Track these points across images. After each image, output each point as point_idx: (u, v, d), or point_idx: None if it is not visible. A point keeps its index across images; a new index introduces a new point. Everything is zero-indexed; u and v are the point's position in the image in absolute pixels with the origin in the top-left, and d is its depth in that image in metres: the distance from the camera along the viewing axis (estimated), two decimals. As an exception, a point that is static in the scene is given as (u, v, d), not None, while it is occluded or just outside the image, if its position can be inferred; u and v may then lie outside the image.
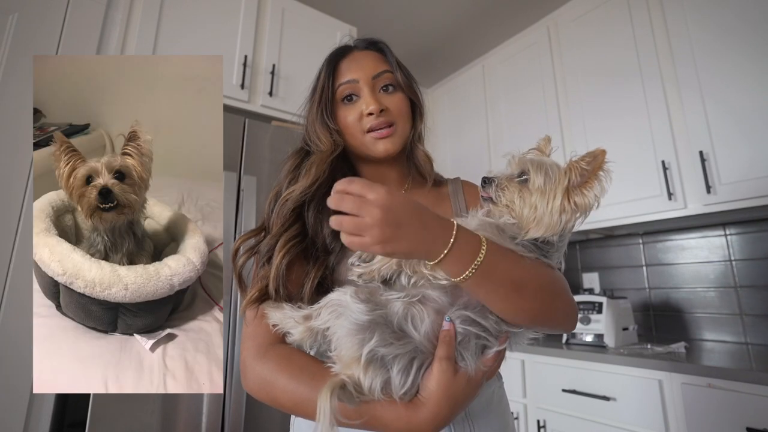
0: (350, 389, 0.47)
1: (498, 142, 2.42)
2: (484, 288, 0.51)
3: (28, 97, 1.31)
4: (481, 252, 0.50)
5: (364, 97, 0.69)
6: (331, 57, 0.75)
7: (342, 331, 0.51)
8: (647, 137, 1.75)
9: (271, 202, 0.70)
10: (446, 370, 0.49)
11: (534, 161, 0.58)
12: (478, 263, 0.49)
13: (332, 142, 0.69)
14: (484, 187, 0.60)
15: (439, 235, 0.48)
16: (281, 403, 0.55)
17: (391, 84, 0.72)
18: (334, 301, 0.53)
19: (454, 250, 0.48)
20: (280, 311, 0.58)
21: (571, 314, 0.60)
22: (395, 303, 0.51)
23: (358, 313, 0.49)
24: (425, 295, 0.53)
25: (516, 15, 2.32)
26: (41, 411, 1.18)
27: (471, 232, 0.52)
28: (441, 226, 0.49)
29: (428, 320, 0.51)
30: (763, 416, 1.15)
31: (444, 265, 0.49)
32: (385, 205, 0.45)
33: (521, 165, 0.59)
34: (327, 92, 0.72)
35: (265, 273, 0.62)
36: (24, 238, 1.23)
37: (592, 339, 1.73)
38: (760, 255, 1.71)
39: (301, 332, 0.55)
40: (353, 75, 0.71)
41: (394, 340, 0.49)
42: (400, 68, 0.74)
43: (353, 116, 0.70)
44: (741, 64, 1.51)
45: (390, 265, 0.55)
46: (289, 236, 0.63)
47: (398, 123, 0.71)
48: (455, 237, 0.49)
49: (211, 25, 1.71)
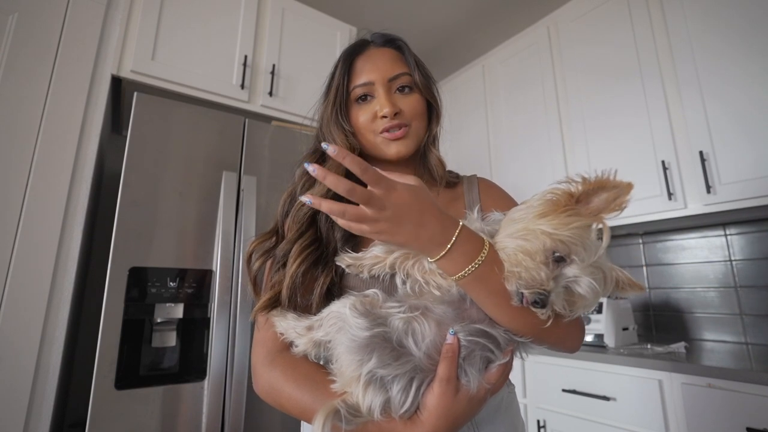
0: (345, 414, 0.47)
1: (498, 142, 2.42)
2: (477, 292, 0.50)
3: (27, 96, 1.31)
4: (480, 255, 0.49)
5: (379, 99, 0.68)
6: (347, 54, 0.72)
7: (341, 348, 0.50)
8: (647, 137, 1.75)
9: (286, 204, 0.69)
10: (446, 392, 0.49)
11: (566, 242, 0.47)
12: (475, 266, 0.49)
13: (348, 145, 0.68)
14: (537, 306, 0.47)
15: (438, 234, 0.49)
16: (287, 409, 0.56)
17: (407, 85, 0.70)
18: (334, 313, 0.53)
19: (452, 251, 0.49)
20: (285, 321, 0.58)
21: (573, 334, 0.58)
22: (395, 319, 0.50)
23: (357, 329, 0.49)
24: (428, 307, 0.52)
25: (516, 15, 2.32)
26: (41, 411, 1.18)
27: (476, 235, 0.51)
28: (442, 226, 0.49)
29: (430, 334, 0.50)
30: (763, 416, 1.15)
31: (441, 263, 0.50)
32: (388, 202, 0.47)
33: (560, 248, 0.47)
34: (342, 92, 0.70)
35: (278, 278, 0.61)
36: (24, 238, 1.23)
37: (592, 339, 1.73)
38: (760, 255, 1.71)
39: (305, 343, 0.55)
40: (369, 77, 0.69)
41: (392, 360, 0.48)
42: (418, 68, 0.71)
43: (367, 116, 0.69)
44: (741, 64, 1.51)
45: (382, 265, 0.55)
46: (304, 243, 0.62)
47: (412, 125, 0.69)
48: (456, 237, 0.49)
49: (211, 25, 1.71)
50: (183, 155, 1.36)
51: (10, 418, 1.13)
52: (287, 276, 0.59)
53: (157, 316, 1.26)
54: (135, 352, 1.27)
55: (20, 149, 1.28)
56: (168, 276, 1.27)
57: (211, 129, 1.43)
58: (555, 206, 0.49)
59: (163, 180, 1.31)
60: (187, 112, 1.40)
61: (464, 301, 0.53)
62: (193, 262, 1.31)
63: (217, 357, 1.27)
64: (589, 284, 0.47)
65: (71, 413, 1.59)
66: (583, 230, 0.47)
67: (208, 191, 1.38)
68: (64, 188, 1.32)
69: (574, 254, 0.47)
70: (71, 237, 1.32)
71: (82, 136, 1.39)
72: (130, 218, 1.24)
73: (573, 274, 0.47)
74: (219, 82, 1.68)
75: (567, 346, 0.59)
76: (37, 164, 1.29)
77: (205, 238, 1.34)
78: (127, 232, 1.23)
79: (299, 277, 0.59)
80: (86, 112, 1.41)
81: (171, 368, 1.32)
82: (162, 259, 1.26)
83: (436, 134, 0.76)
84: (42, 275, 1.24)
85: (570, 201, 0.49)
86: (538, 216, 0.49)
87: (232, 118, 1.48)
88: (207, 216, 1.36)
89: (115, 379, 1.13)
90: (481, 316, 0.52)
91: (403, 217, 0.48)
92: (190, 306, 1.30)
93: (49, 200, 1.29)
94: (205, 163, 1.39)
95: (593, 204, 0.49)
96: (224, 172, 1.40)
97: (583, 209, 0.49)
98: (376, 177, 0.47)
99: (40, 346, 1.20)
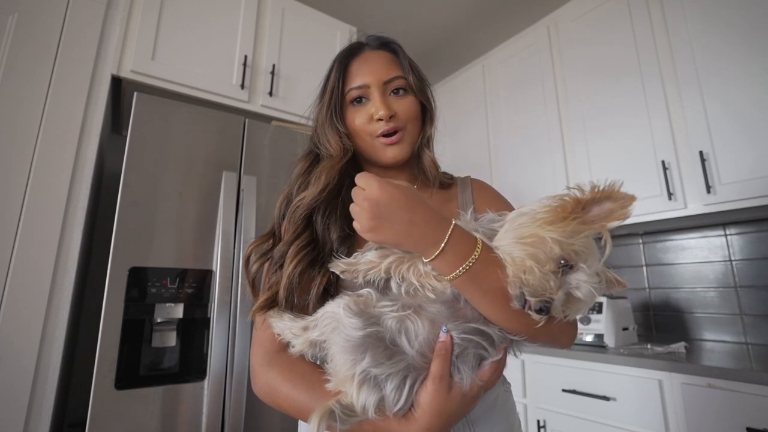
0: (339, 414, 0.47)
1: (498, 142, 2.41)
2: (471, 291, 0.51)
3: (27, 96, 1.31)
4: (474, 254, 0.50)
5: (374, 101, 0.69)
6: (342, 56, 0.73)
7: (335, 347, 0.51)
8: (647, 137, 1.75)
9: (282, 206, 0.69)
10: (439, 389, 0.49)
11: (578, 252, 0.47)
12: (469, 265, 0.49)
13: (342, 146, 0.68)
14: (540, 313, 0.47)
15: (430, 233, 0.50)
16: (285, 409, 0.57)
17: (402, 88, 0.71)
18: (328, 313, 0.53)
19: (446, 250, 0.50)
20: (282, 322, 0.58)
21: (567, 331, 0.58)
22: (388, 318, 0.51)
23: (351, 329, 0.50)
24: (421, 306, 0.52)
25: (516, 15, 2.32)
26: (41, 411, 1.18)
27: (468, 234, 0.52)
28: (434, 224, 0.51)
29: (423, 332, 0.50)
30: (763, 416, 1.15)
31: (436, 262, 0.50)
32: (372, 198, 0.51)
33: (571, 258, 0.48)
34: (337, 94, 0.70)
35: (276, 279, 0.62)
36: (24, 238, 1.23)
37: (592, 339, 1.73)
38: (760, 255, 1.71)
39: (301, 343, 0.56)
40: (364, 79, 0.69)
41: (385, 359, 0.49)
42: (412, 71, 0.72)
43: (362, 119, 0.69)
44: (741, 64, 1.51)
45: (377, 270, 0.55)
46: (301, 244, 0.62)
47: (407, 128, 0.71)
48: (449, 237, 0.50)
49: (211, 25, 1.71)
50: (183, 155, 1.36)
51: (10, 418, 1.13)
52: (284, 276, 0.60)
53: (157, 316, 1.26)
54: (135, 352, 1.27)
55: (20, 149, 1.28)
56: (168, 276, 1.27)
57: (211, 129, 1.43)
58: (562, 213, 0.48)
59: (163, 180, 1.31)
60: (187, 112, 1.40)
61: (458, 300, 0.53)
62: (193, 262, 1.31)
63: (217, 357, 1.27)
64: (590, 290, 0.47)
65: (71, 413, 1.59)
66: (590, 238, 0.48)
67: (208, 191, 1.38)
68: (64, 188, 1.32)
69: (582, 262, 0.47)
70: (71, 237, 1.32)
71: (82, 136, 1.39)
72: (130, 218, 1.24)
73: (576, 282, 0.47)
74: (219, 82, 1.68)
75: (561, 343, 0.59)
76: (37, 164, 1.29)
77: (205, 238, 1.34)
78: (127, 232, 1.23)
79: (296, 278, 0.59)
80: (86, 112, 1.41)
81: (171, 368, 1.32)
82: (162, 259, 1.26)
83: (431, 136, 0.77)
84: (42, 275, 1.24)
85: (577, 208, 0.49)
86: (546, 223, 0.48)
87: (232, 118, 1.48)
88: (207, 216, 1.36)
89: (115, 379, 1.13)
90: (475, 314, 0.53)
91: (393, 214, 0.50)
92: (190, 306, 1.30)
93: (49, 200, 1.29)
94: (205, 163, 1.39)
95: (593, 212, 0.49)
96: (224, 172, 1.40)
97: (587, 217, 0.49)
98: (361, 178, 0.53)
99: (40, 346, 1.20)
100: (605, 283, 0.51)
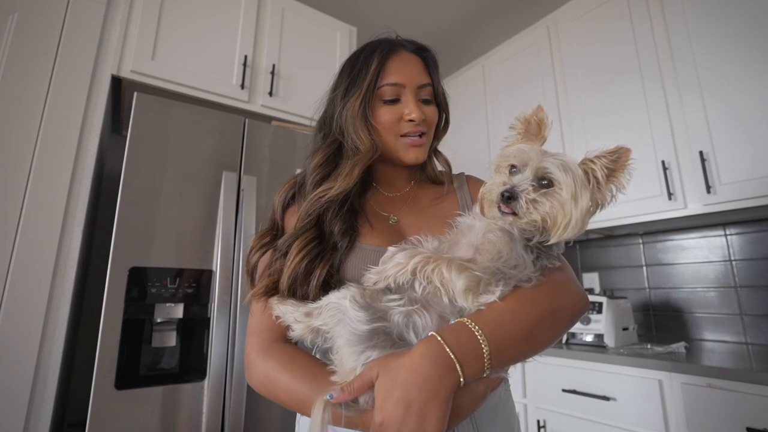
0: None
1: (497, 143, 2.41)
2: (502, 363, 0.50)
3: (27, 96, 1.31)
4: (484, 352, 0.48)
5: (408, 103, 0.70)
6: (383, 51, 0.72)
7: (341, 340, 0.51)
8: (647, 137, 1.75)
9: (287, 198, 0.71)
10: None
11: (557, 164, 0.53)
12: (488, 361, 0.48)
13: (372, 143, 0.68)
14: (509, 203, 0.53)
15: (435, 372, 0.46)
16: (283, 401, 0.56)
17: (429, 97, 0.73)
18: (333, 303, 0.53)
19: (463, 364, 0.47)
20: (284, 305, 0.59)
21: (577, 312, 0.58)
22: (395, 313, 0.50)
23: (357, 322, 0.49)
24: (428, 300, 0.52)
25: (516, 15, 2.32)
26: (41, 411, 1.18)
27: (452, 327, 0.49)
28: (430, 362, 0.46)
29: (432, 326, 0.51)
30: (763, 416, 1.15)
31: (467, 377, 0.48)
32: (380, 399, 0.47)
33: (539, 171, 0.53)
34: (372, 87, 0.70)
35: (278, 266, 0.62)
36: (24, 238, 1.23)
37: (592, 339, 1.73)
38: (760, 255, 1.71)
39: (302, 329, 0.56)
40: (401, 79, 0.70)
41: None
42: (440, 82, 0.76)
43: (392, 117, 0.70)
44: (741, 63, 1.51)
45: (405, 271, 0.54)
46: (308, 237, 0.63)
47: (429, 134, 0.74)
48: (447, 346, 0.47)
49: (211, 25, 1.71)
50: (183, 155, 1.36)
51: (10, 418, 1.13)
52: (290, 267, 0.60)
53: (157, 316, 1.26)
54: (135, 352, 1.27)
55: (20, 149, 1.27)
56: (168, 276, 1.27)
57: (211, 129, 1.43)
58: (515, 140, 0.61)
59: (163, 180, 1.31)
60: (187, 112, 1.40)
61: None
62: (193, 262, 1.31)
63: (217, 357, 1.27)
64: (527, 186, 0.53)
65: (71, 413, 1.59)
66: (525, 150, 0.56)
67: (208, 191, 1.38)
68: (64, 188, 1.32)
69: (522, 164, 0.55)
70: (71, 237, 1.31)
71: (82, 136, 1.39)
72: (130, 218, 1.24)
73: (519, 180, 0.54)
74: (219, 82, 1.68)
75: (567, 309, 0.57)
76: (37, 164, 1.29)
77: (205, 238, 1.34)
78: (127, 232, 1.23)
79: (301, 270, 0.60)
80: (86, 112, 1.41)
81: (171, 368, 1.32)
82: (162, 259, 1.26)
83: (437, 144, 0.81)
84: (42, 275, 1.24)
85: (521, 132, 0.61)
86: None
87: (232, 118, 1.48)
88: (207, 216, 1.36)
89: (115, 379, 1.13)
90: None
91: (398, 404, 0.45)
92: (190, 306, 1.30)
93: (49, 200, 1.29)
94: (205, 163, 1.39)
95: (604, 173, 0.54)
96: (224, 172, 1.40)
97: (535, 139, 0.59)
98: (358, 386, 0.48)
99: (40, 346, 1.20)
100: (577, 169, 0.54)
